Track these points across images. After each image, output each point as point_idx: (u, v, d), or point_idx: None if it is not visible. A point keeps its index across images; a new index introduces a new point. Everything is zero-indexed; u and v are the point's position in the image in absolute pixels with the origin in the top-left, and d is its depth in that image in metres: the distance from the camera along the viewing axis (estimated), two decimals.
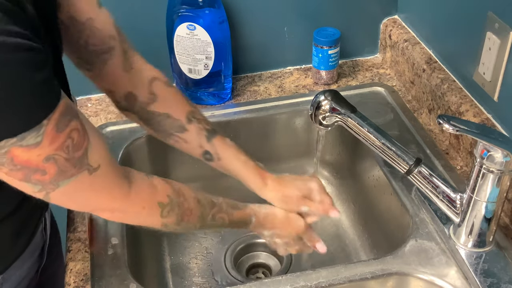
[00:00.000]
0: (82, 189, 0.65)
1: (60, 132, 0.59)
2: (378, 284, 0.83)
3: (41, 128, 0.57)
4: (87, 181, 0.64)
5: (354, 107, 0.87)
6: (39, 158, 0.58)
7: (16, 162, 0.58)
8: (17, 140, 0.56)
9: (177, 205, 0.76)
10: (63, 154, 0.60)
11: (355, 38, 1.28)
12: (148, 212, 0.74)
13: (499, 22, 0.87)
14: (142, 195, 0.72)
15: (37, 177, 0.60)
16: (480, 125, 0.77)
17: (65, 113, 0.59)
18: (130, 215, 0.74)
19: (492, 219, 0.80)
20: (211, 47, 1.11)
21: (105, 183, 0.68)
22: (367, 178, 1.08)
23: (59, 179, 0.61)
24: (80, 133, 0.61)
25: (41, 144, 0.57)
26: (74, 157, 0.61)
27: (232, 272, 1.06)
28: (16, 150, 0.57)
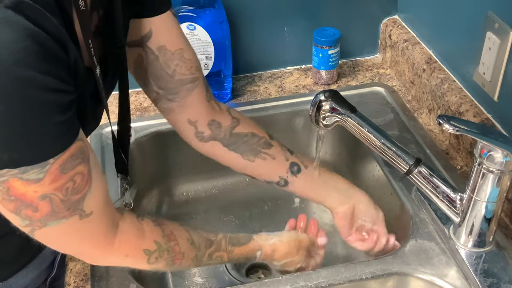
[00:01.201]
0: (68, 233, 0.64)
1: (64, 174, 0.58)
2: (378, 284, 0.83)
3: (46, 165, 0.56)
4: (75, 226, 0.63)
5: (354, 107, 0.87)
6: (36, 195, 0.57)
7: (11, 194, 0.57)
8: (18, 171, 0.55)
9: (166, 251, 0.74)
10: (60, 195, 0.59)
11: (355, 38, 1.28)
12: (133, 259, 0.72)
13: (499, 22, 0.87)
14: (126, 244, 0.70)
15: (28, 212, 0.59)
16: (480, 125, 0.77)
17: (75, 155, 0.59)
18: (113, 261, 0.73)
19: (492, 219, 0.80)
20: (211, 47, 1.11)
21: (92, 229, 0.66)
22: (367, 178, 1.08)
23: (49, 219, 0.60)
24: (83, 178, 0.61)
25: (42, 181, 0.57)
26: (70, 200, 0.60)
27: (232, 272, 1.06)
28: (15, 181, 0.56)
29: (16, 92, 0.51)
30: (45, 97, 0.53)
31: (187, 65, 0.81)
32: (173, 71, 0.80)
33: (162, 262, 0.74)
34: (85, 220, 0.63)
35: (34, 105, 0.52)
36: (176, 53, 0.79)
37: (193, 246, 0.78)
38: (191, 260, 0.78)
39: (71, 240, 0.66)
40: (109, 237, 0.68)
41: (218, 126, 0.88)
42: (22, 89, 0.51)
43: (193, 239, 0.78)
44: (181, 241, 0.76)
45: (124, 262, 0.73)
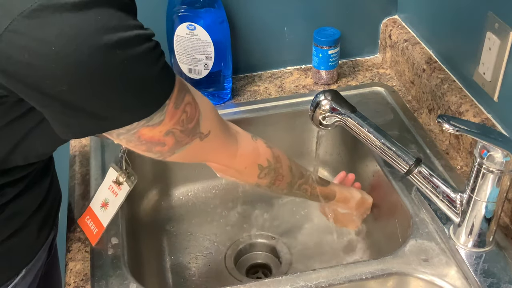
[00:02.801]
0: (195, 153, 0.73)
1: (177, 108, 0.65)
2: (378, 284, 0.83)
3: (164, 107, 0.63)
4: (198, 146, 0.71)
5: (354, 107, 0.87)
6: (161, 134, 0.65)
7: (142, 139, 0.65)
8: (145, 121, 0.62)
9: (273, 170, 0.84)
10: (179, 127, 0.66)
11: (355, 38, 1.28)
12: (249, 171, 0.82)
13: (499, 22, 0.87)
14: (246, 157, 0.81)
15: (158, 149, 0.67)
16: (480, 125, 0.77)
17: (180, 89, 0.65)
18: (232, 171, 0.82)
19: (492, 219, 0.80)
20: (211, 47, 1.11)
21: (215, 146, 0.75)
22: (367, 178, 1.08)
23: (175, 148, 0.69)
24: (192, 106, 0.68)
25: (164, 121, 0.64)
26: (188, 128, 0.68)
27: (232, 272, 1.06)
28: (144, 130, 0.63)
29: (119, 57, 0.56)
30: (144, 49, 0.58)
31: None
32: None
33: (267, 179, 0.84)
34: (205, 140, 0.71)
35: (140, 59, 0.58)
36: None
37: (291, 172, 0.88)
38: (286, 184, 0.88)
39: (198, 156, 0.76)
40: (231, 150, 0.79)
41: None
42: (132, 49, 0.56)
43: (291, 167, 0.88)
44: (284, 165, 0.86)
45: (241, 173, 0.83)
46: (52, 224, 0.87)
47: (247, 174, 0.83)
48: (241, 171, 0.83)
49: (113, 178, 0.91)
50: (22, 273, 0.81)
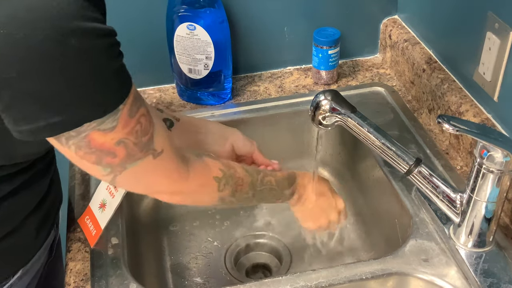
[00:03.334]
0: (146, 172, 0.69)
1: (132, 117, 0.63)
2: (378, 284, 0.83)
3: (118, 112, 0.61)
4: (151, 165, 0.68)
5: (354, 107, 0.87)
6: (112, 142, 0.62)
7: (92, 146, 0.62)
8: (96, 124, 0.60)
9: (230, 177, 0.80)
10: (132, 138, 0.64)
11: (355, 38, 1.28)
12: (206, 189, 0.78)
13: (499, 22, 0.87)
14: (198, 175, 0.76)
15: (108, 160, 0.64)
16: (480, 125, 0.77)
17: (136, 98, 0.63)
18: (189, 195, 0.78)
19: (492, 219, 0.80)
20: (211, 47, 1.11)
21: (167, 167, 0.71)
22: (367, 178, 1.08)
23: (127, 162, 0.65)
24: (147, 118, 0.65)
25: (116, 129, 0.61)
26: (141, 141, 0.65)
27: (232, 272, 1.06)
28: (95, 134, 0.60)
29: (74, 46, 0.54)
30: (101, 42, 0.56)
31: None
32: None
33: (228, 189, 0.80)
34: (158, 159, 0.68)
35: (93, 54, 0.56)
36: None
37: (247, 172, 0.83)
38: (249, 185, 0.83)
39: (150, 180, 0.71)
40: (182, 172, 0.74)
41: None
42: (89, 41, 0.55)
43: (244, 167, 0.84)
44: (238, 168, 0.82)
45: (199, 193, 0.79)
46: (51, 224, 0.87)
47: (206, 192, 0.79)
48: (198, 191, 0.78)
49: None
50: (18, 274, 0.81)
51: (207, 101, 1.19)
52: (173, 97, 1.22)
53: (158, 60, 1.21)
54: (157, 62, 1.22)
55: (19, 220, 0.78)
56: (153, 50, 1.20)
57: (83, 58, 0.55)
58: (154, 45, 1.18)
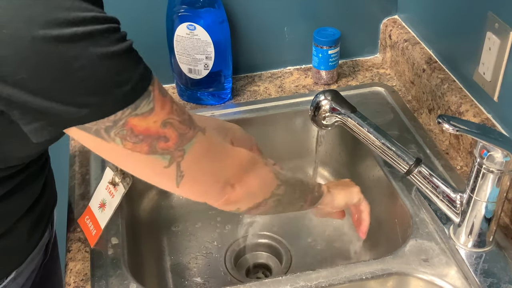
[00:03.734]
0: (206, 151, 0.66)
1: (165, 96, 0.61)
2: (378, 284, 0.83)
3: (150, 94, 0.58)
4: (205, 142, 0.66)
5: (354, 107, 0.87)
6: (157, 125, 0.60)
7: (137, 133, 0.59)
8: (131, 109, 0.57)
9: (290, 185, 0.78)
10: (175, 117, 0.61)
11: (355, 38, 1.28)
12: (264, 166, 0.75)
13: (499, 22, 0.87)
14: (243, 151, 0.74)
15: (162, 145, 0.61)
16: (480, 125, 0.77)
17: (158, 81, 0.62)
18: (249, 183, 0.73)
19: (492, 219, 0.80)
20: (211, 47, 1.11)
21: (218, 144, 0.70)
22: (367, 178, 1.08)
23: (182, 143, 0.62)
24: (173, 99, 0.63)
25: (155, 110, 0.59)
26: (185, 118, 0.63)
27: (232, 272, 1.06)
28: (133, 119, 0.58)
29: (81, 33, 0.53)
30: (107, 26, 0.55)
31: None
32: None
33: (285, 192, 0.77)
34: (207, 135, 0.66)
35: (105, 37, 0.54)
36: None
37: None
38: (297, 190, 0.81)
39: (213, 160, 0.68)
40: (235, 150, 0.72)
41: None
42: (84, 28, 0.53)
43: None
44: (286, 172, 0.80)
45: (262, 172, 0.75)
46: (45, 226, 0.86)
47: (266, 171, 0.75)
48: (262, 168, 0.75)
49: (109, 178, 0.90)
50: (12, 275, 0.80)
51: (207, 101, 1.19)
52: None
53: (158, 60, 1.21)
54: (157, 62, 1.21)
55: (11, 222, 0.77)
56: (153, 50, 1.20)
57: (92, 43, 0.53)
58: (154, 45, 1.18)
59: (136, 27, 1.16)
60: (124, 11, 1.13)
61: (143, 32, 1.17)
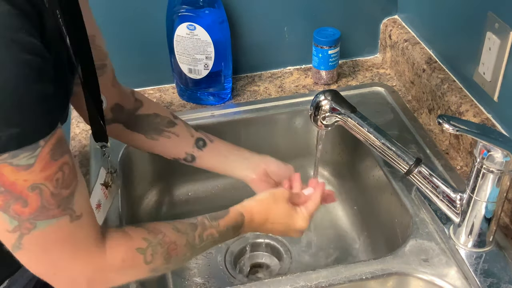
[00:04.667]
0: (60, 239, 0.60)
1: (54, 161, 0.55)
2: (378, 284, 0.83)
3: (37, 148, 0.53)
4: (66, 229, 0.59)
5: (354, 107, 0.87)
6: (26, 184, 0.54)
7: (1, 183, 0.54)
8: (8, 156, 0.52)
9: (158, 245, 0.70)
10: (50, 186, 0.56)
11: (355, 38, 1.28)
12: (130, 263, 0.67)
13: (499, 22, 0.87)
14: (118, 248, 0.66)
15: (17, 208, 0.55)
16: (480, 125, 0.77)
17: (61, 141, 0.56)
18: (111, 275, 0.67)
19: (492, 219, 0.80)
20: (211, 47, 1.11)
21: (84, 235, 0.62)
22: (367, 178, 1.08)
23: (38, 217, 0.56)
24: (71, 169, 0.58)
25: (32, 168, 0.54)
26: (60, 194, 0.57)
27: (232, 272, 1.06)
28: (5, 168, 0.53)
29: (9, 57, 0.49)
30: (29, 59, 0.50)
31: (97, 52, 0.80)
32: None
33: (159, 258, 0.70)
34: (76, 224, 0.60)
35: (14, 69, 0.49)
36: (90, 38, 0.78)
37: (180, 233, 0.73)
38: (185, 246, 0.73)
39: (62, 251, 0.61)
40: (100, 244, 0.64)
41: (120, 109, 0.90)
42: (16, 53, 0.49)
43: (177, 227, 0.74)
44: (167, 231, 0.72)
45: (123, 270, 0.67)
46: None
47: (130, 267, 0.67)
48: (121, 267, 0.66)
49: (102, 180, 0.90)
50: (4, 284, 0.78)
51: (207, 101, 1.19)
52: (173, 97, 1.22)
53: (158, 60, 1.21)
54: (157, 62, 1.22)
55: None
56: (153, 50, 1.20)
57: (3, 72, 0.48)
58: (154, 45, 1.18)
59: (136, 27, 1.17)
60: (124, 11, 1.14)
61: (143, 32, 1.17)
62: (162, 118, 0.93)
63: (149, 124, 0.92)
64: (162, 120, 0.93)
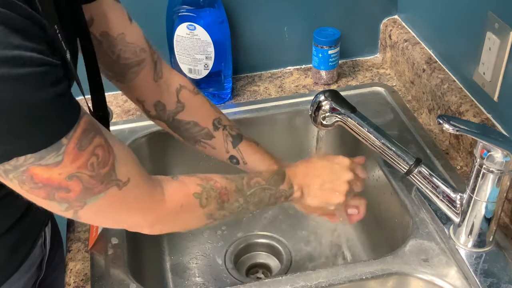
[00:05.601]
0: (113, 205, 0.64)
1: (83, 150, 0.58)
2: (378, 284, 0.83)
3: (61, 147, 0.56)
4: (117, 196, 0.63)
5: (354, 107, 0.87)
6: (61, 177, 0.57)
7: (37, 181, 0.56)
8: (35, 158, 0.55)
9: (211, 189, 0.74)
10: (87, 171, 0.58)
11: (355, 38, 1.28)
12: (187, 208, 0.72)
13: (499, 22, 0.87)
14: (176, 195, 0.71)
15: (61, 195, 0.58)
16: (480, 125, 0.77)
17: (87, 130, 0.58)
18: (171, 221, 0.72)
19: (492, 219, 0.80)
20: (211, 47, 1.11)
21: (137, 196, 0.66)
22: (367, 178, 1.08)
23: (85, 197, 0.60)
24: (105, 149, 0.60)
25: (62, 163, 0.56)
26: (100, 173, 0.60)
27: (232, 272, 1.06)
28: (35, 169, 0.55)
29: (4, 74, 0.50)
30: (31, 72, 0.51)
31: (131, 49, 0.82)
32: (117, 56, 0.81)
33: (212, 202, 0.74)
34: (125, 189, 0.63)
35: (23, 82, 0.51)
36: (118, 38, 0.80)
37: (229, 180, 0.77)
38: (235, 192, 0.77)
39: (120, 212, 0.66)
40: (157, 196, 0.69)
41: (163, 108, 0.89)
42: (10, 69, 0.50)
43: (226, 176, 0.78)
44: (217, 178, 0.76)
45: (180, 216, 0.72)
46: (31, 246, 0.82)
47: (189, 211, 0.72)
48: (180, 213, 0.72)
49: None
50: None
51: None
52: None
53: None
54: None
55: None
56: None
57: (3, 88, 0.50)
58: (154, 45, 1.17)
59: None
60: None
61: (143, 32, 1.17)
62: (200, 128, 0.91)
63: (187, 131, 0.91)
64: (200, 130, 0.91)
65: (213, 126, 0.91)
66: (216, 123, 0.92)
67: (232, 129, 0.93)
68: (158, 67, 0.87)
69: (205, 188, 0.74)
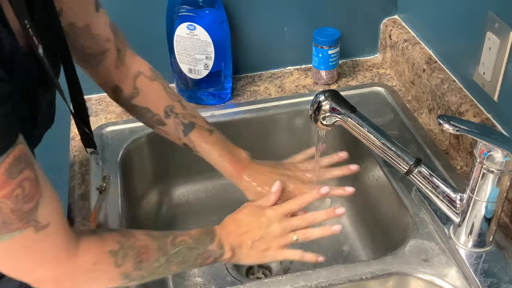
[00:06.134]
0: (25, 249, 0.60)
1: (12, 179, 0.55)
2: (378, 284, 0.83)
3: None
4: (31, 240, 0.59)
5: (354, 107, 0.87)
6: None
7: None
8: None
9: (129, 248, 0.70)
10: (10, 203, 0.55)
11: (355, 38, 1.28)
12: (101, 266, 0.67)
13: (499, 22, 0.87)
14: (91, 250, 0.66)
15: None
16: (480, 125, 0.77)
17: (19, 159, 0.55)
18: (81, 279, 0.67)
19: (492, 219, 0.80)
20: (211, 47, 1.11)
21: (51, 243, 0.62)
22: (367, 178, 1.08)
23: (1, 232, 0.56)
24: (32, 184, 0.57)
25: None
26: (22, 209, 0.56)
27: (232, 272, 1.06)
28: None
29: None
30: None
31: (95, 40, 0.84)
32: (81, 45, 0.83)
33: (129, 261, 0.69)
34: (41, 233, 0.59)
35: None
36: (83, 29, 0.81)
37: (152, 238, 0.74)
38: (156, 251, 0.73)
39: (29, 259, 0.61)
40: (71, 249, 0.64)
41: (120, 93, 0.91)
42: None
43: (150, 233, 0.75)
44: (139, 236, 0.72)
45: (92, 273, 0.67)
46: None
47: (101, 270, 0.67)
48: (92, 271, 0.66)
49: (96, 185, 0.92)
50: None
51: (207, 101, 1.19)
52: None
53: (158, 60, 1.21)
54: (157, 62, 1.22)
55: None
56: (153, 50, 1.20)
57: None
58: (154, 45, 1.18)
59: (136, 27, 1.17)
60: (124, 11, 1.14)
61: (143, 32, 1.17)
62: (153, 114, 0.92)
63: (142, 116, 0.94)
64: (152, 116, 0.93)
65: (165, 114, 0.92)
66: (168, 111, 0.92)
67: (185, 118, 0.92)
68: (121, 55, 0.89)
69: (123, 246, 0.69)
